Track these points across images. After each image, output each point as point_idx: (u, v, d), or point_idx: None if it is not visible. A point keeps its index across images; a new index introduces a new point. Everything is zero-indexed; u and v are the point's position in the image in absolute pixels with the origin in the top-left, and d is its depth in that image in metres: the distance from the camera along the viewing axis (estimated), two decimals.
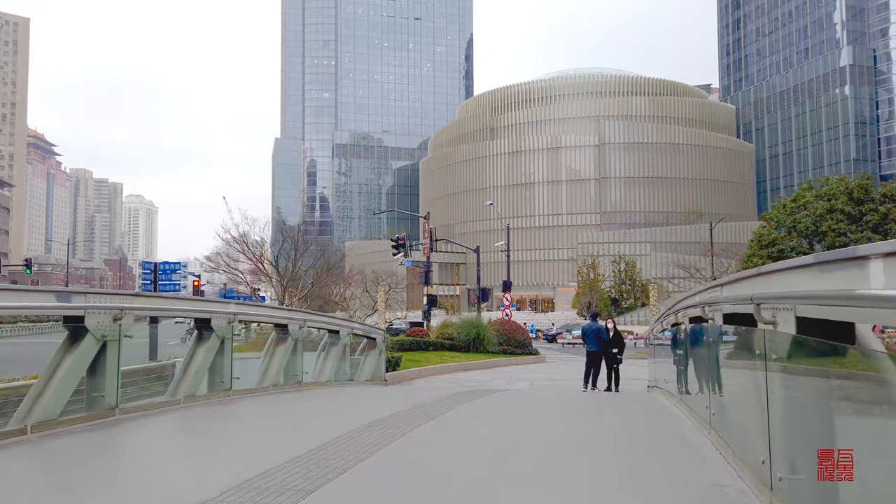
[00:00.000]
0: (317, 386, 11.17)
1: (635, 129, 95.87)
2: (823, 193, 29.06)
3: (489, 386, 15.78)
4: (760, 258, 29.73)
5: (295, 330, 10.33)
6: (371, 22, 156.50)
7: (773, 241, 29.18)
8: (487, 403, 9.23)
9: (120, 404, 6.58)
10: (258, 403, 8.63)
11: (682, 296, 8.25)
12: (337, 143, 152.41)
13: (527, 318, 77.00)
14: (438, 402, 8.65)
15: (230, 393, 8.50)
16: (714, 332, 5.35)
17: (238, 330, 9.71)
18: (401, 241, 35.21)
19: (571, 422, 7.65)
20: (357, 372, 13.76)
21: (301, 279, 25.24)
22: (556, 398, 11.22)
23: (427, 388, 14.10)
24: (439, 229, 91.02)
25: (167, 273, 23.01)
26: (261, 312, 9.64)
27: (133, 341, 7.28)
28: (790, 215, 29.73)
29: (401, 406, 7.90)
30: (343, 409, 8.25)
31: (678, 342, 8.32)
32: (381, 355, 14.70)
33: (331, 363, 12.07)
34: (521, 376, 19.11)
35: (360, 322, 17.24)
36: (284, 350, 10.14)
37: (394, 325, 57.57)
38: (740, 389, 4.47)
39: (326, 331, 12.37)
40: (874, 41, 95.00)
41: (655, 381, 11.46)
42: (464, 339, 26.04)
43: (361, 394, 10.77)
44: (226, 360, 8.45)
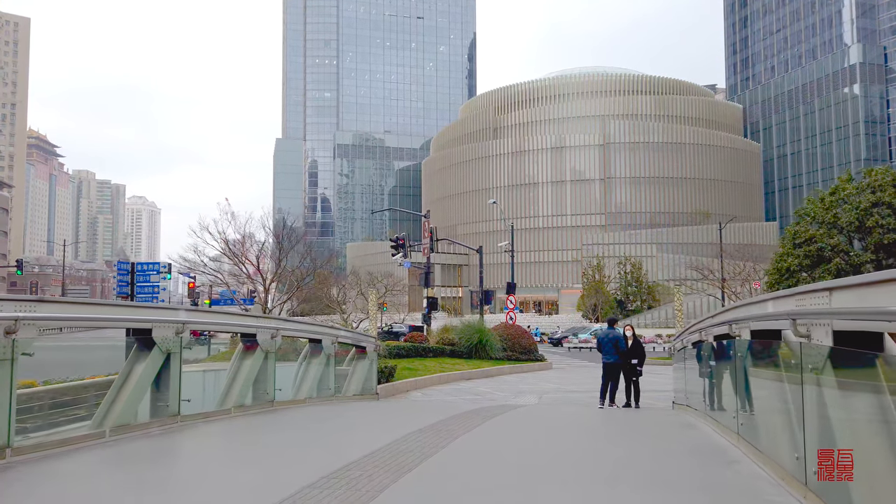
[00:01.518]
0: (293, 405, 9.65)
1: (640, 129, 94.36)
2: (867, 185, 26.72)
3: (493, 400, 14.24)
4: (796, 258, 27.68)
5: (266, 340, 8.82)
6: (373, 21, 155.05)
7: (811, 238, 26.95)
8: (490, 433, 7.70)
9: (12, 443, 5.06)
10: (207, 435, 7.09)
11: (707, 315, 8.50)
12: (339, 143, 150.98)
13: (531, 321, 75.49)
14: (430, 432, 7.13)
15: (177, 419, 6.98)
16: (751, 346, 5.61)
17: (202, 341, 8.21)
18: (400, 241, 33.70)
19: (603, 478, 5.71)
20: (344, 385, 12.24)
21: (288, 280, 23.61)
22: (574, 421, 9.66)
23: (422, 405, 12.55)
24: (442, 230, 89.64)
25: (145, 274, 21.48)
26: (221, 321, 8.11)
27: (43, 358, 5.77)
28: (828, 210, 27.33)
29: (382, 439, 6.38)
30: (312, 445, 6.71)
31: (712, 357, 7.86)
32: (373, 365, 13.17)
33: (312, 377, 10.55)
34: (528, 387, 17.56)
35: (349, 328, 15.73)
36: (252, 364, 8.63)
37: (394, 328, 56.15)
38: (791, 405, 4.29)
39: (307, 340, 10.86)
40: (884, 38, 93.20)
41: (686, 398, 9.94)
42: (465, 344, 24.49)
43: (342, 416, 9.23)
44: (172, 379, 6.94)
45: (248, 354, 8.63)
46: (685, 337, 9.61)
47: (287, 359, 11.18)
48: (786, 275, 28.31)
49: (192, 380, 8.28)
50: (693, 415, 8.90)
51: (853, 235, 27.70)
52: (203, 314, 7.79)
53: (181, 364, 7.08)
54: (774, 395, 4.82)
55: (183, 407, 7.18)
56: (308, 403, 10.08)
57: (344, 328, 12.68)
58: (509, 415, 9.79)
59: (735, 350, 6.15)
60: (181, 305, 7.51)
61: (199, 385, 8.68)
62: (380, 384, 14.35)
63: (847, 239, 27.62)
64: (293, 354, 10.90)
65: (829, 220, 27.36)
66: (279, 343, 9.23)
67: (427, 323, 29.57)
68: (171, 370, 6.91)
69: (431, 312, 29.98)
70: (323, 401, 10.81)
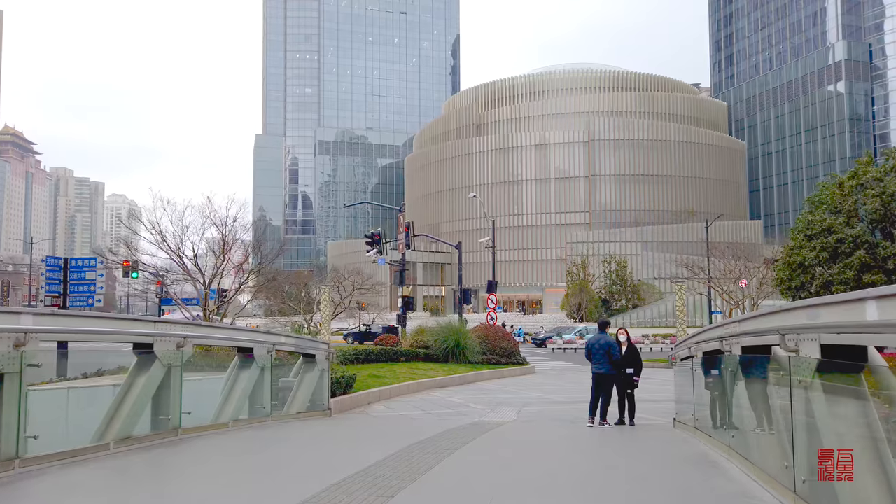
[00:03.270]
0: (209, 431, 7.75)
1: (625, 126, 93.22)
2: (891, 168, 24.53)
3: (466, 414, 12.40)
4: (811, 251, 24.92)
5: (167, 352, 6.92)
6: (355, 16, 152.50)
7: (828, 228, 24.56)
8: (449, 479, 5.83)
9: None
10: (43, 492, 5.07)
11: (696, 331, 8.24)
12: (320, 139, 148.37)
13: (514, 321, 73.93)
14: (366, 478, 5.27)
15: (12, 465, 5.05)
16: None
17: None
18: (375, 237, 31.82)
19: None
20: (287, 402, 10.34)
21: (247, 278, 21.58)
22: (560, 454, 7.82)
23: (379, 426, 10.65)
24: (425, 228, 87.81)
25: (80, 270, 19.31)
26: (91, 327, 6.18)
27: None
28: (847, 196, 25.07)
29: (294, 496, 4.53)
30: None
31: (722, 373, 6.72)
32: (323, 376, 11.27)
33: (240, 394, 8.65)
34: (507, 397, 15.74)
35: (293, 333, 13.79)
36: (146, 382, 6.72)
37: (372, 328, 54.21)
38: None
39: (236, 349, 8.96)
40: (869, 35, 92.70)
41: (695, 420, 8.18)
42: (441, 347, 22.64)
43: (266, 450, 7.33)
44: (7, 407, 5.03)
45: (142, 370, 6.73)
46: (695, 344, 7.87)
47: (208, 372, 9.27)
48: (798, 270, 25.92)
49: (48, 402, 6.37)
50: (707, 443, 7.16)
51: (876, 225, 24.87)
52: (60, 320, 5.87)
53: (21, 385, 5.16)
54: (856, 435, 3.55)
55: (31, 446, 5.26)
56: (232, 428, 8.18)
57: (287, 333, 10.83)
58: (480, 441, 7.98)
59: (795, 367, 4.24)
60: (28, 309, 5.36)
61: (59, 410, 6.77)
62: (335, 396, 12.46)
63: (870, 229, 25.02)
64: (216, 368, 9.00)
65: (847, 207, 24.81)
66: (188, 354, 7.33)
67: (402, 324, 27.69)
68: (5, 395, 5.00)
69: (407, 312, 28.10)
70: (255, 423, 8.91)
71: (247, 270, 20.85)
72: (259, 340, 8.97)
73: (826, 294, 21.94)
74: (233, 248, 21.36)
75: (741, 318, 5.72)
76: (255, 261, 21.20)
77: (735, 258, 38.28)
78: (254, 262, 21.19)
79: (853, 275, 23.73)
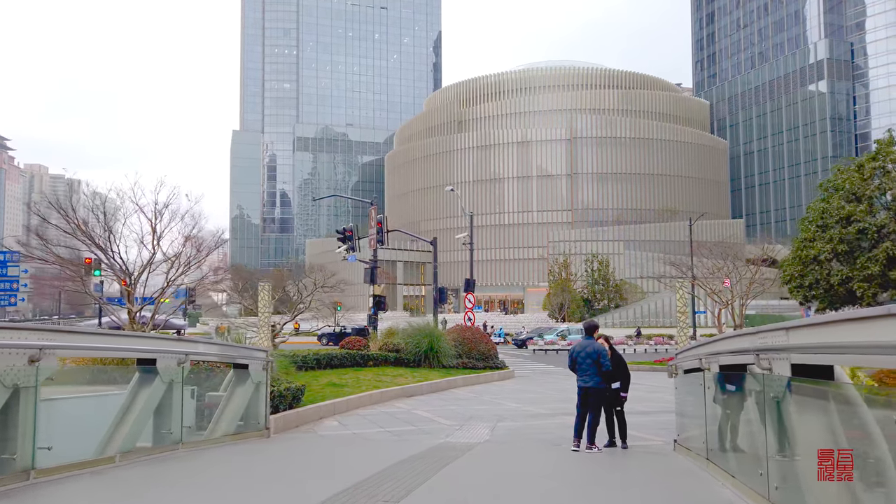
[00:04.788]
0: (82, 469, 5.96)
1: (607, 124, 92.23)
2: None
3: (430, 433, 10.70)
4: (827, 242, 21.93)
5: (14, 368, 5.15)
6: (334, 10, 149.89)
7: (847, 217, 22.13)
8: None
9: None
10: None
11: (709, 339, 7.46)
12: (298, 136, 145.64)
13: (495, 321, 72.45)
14: None
15: None
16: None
17: None
18: (347, 232, 30.01)
19: None
20: (211, 424, 8.57)
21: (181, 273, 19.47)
22: (541, 494, 6.15)
23: (320, 451, 8.82)
24: (405, 226, 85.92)
25: (3, 265, 17.24)
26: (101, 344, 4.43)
27: None
28: (868, 181, 22.82)
29: None
30: None
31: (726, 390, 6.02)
32: (260, 389, 9.50)
33: (136, 418, 6.87)
34: (481, 408, 14.05)
35: (219, 340, 11.91)
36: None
37: (347, 329, 52.31)
38: None
39: (135, 361, 7.18)
40: (851, 34, 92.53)
41: (707, 451, 6.56)
42: (412, 351, 20.93)
43: (145, 495, 5.56)
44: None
45: None
46: (709, 356, 6.26)
47: (98, 386, 7.50)
48: (812, 265, 22.88)
49: None
50: (727, 482, 5.54)
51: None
52: None
53: None
54: None
55: None
56: (120, 463, 6.39)
57: (210, 340, 9.11)
58: (440, 480, 6.30)
59: None
60: None
61: None
62: (278, 412, 10.68)
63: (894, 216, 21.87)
64: (112, 383, 7.25)
65: (870, 193, 21.90)
66: (50, 370, 5.55)
67: (373, 325, 25.92)
68: None
69: (378, 313, 26.34)
70: (159, 452, 7.14)
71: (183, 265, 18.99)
72: (164, 350, 7.19)
73: (845, 293, 20.06)
74: (178, 243, 19.34)
75: (786, 325, 4.14)
76: (190, 254, 19.27)
77: (723, 257, 36.93)
78: (189, 254, 19.26)
79: (878, 269, 21.10)
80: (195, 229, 19.82)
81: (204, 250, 20.52)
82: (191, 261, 19.38)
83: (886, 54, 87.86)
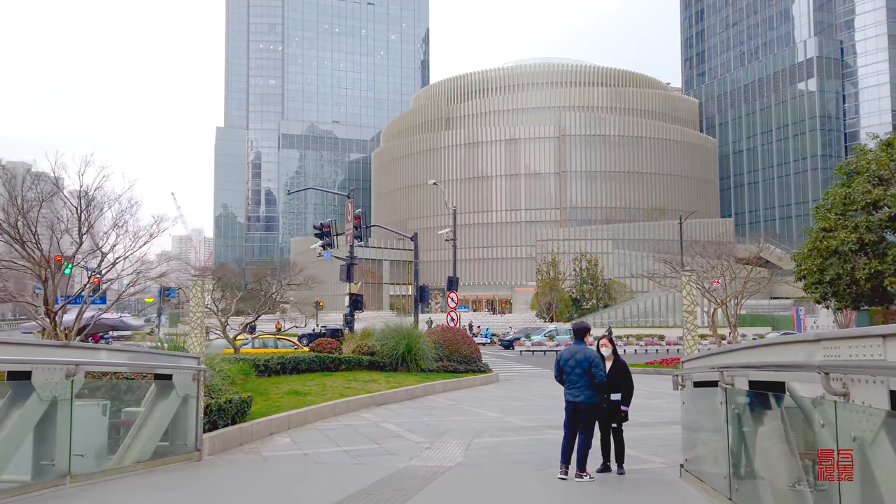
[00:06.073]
0: None
1: (596, 121, 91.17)
2: None
3: (393, 453, 9.22)
4: (852, 232, 19.31)
5: None
6: (321, 6, 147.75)
7: (874, 202, 19.54)
8: None
9: None
10: None
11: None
12: (284, 133, 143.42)
13: (482, 321, 71.19)
14: None
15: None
16: None
17: None
18: (325, 228, 28.47)
19: None
20: (121, 449, 7.06)
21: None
22: None
23: (259, 482, 7.30)
24: (392, 224, 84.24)
25: None
26: None
27: None
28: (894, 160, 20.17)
29: None
30: None
31: None
32: (189, 403, 8.01)
33: (2, 444, 5.36)
34: (457, 420, 12.59)
35: (128, 346, 10.39)
36: None
37: (329, 328, 50.77)
38: None
39: (6, 374, 5.67)
40: (841, 33, 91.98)
41: (730, 489, 5.16)
42: (388, 353, 19.47)
43: None
44: None
45: None
46: (734, 368, 4.84)
47: None
48: (832, 258, 20.20)
49: None
50: None
51: None
52: None
53: None
54: None
55: None
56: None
57: (114, 347, 7.77)
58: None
59: None
60: None
61: None
62: (217, 429, 9.16)
63: None
64: None
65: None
66: None
67: (349, 325, 24.42)
68: None
69: (355, 313, 24.83)
70: (37, 491, 5.64)
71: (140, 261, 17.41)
72: (43, 360, 5.68)
73: (871, 290, 18.40)
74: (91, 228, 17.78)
75: (884, 330, 2.78)
76: (127, 245, 17.73)
77: (717, 255, 35.75)
78: (127, 246, 17.71)
79: None
80: (128, 215, 18.19)
81: (140, 240, 18.88)
82: (127, 252, 17.79)
83: (876, 52, 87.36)
